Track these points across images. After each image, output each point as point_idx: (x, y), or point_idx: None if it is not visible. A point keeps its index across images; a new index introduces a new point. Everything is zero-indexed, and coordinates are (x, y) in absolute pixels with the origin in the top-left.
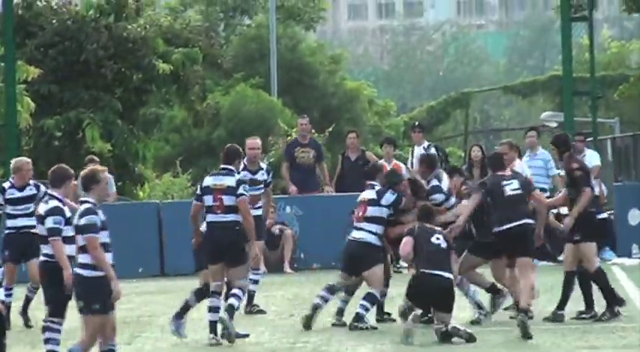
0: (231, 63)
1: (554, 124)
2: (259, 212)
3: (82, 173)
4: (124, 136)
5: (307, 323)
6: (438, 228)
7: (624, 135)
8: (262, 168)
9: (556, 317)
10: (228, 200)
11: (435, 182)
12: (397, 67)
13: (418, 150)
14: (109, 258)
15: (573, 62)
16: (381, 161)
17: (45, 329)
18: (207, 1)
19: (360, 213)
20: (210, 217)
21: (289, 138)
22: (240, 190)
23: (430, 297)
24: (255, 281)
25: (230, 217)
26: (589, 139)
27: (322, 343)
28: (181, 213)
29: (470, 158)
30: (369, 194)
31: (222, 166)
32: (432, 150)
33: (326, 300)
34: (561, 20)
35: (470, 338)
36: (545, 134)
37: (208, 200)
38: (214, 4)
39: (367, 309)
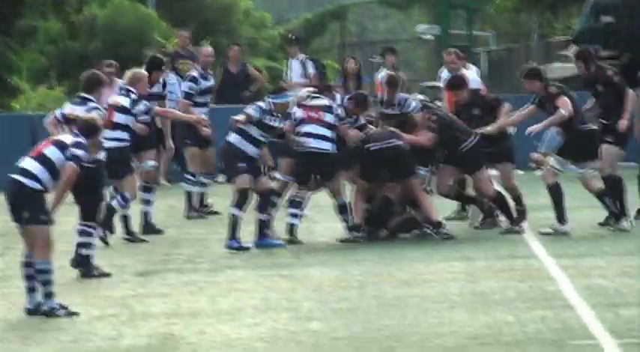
0: None
1: (430, 37)
2: None
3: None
4: None
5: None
6: None
7: (500, 48)
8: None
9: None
10: None
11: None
12: None
13: (295, 63)
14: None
15: None
16: (385, 70)
17: (80, 233)
18: None
19: (315, 115)
20: None
21: (164, 50)
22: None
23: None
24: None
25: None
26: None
27: (197, 254)
28: None
29: (345, 70)
30: (322, 101)
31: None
32: (309, 63)
33: (299, 216)
34: None
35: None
36: (420, 47)
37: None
38: None
39: (346, 220)
